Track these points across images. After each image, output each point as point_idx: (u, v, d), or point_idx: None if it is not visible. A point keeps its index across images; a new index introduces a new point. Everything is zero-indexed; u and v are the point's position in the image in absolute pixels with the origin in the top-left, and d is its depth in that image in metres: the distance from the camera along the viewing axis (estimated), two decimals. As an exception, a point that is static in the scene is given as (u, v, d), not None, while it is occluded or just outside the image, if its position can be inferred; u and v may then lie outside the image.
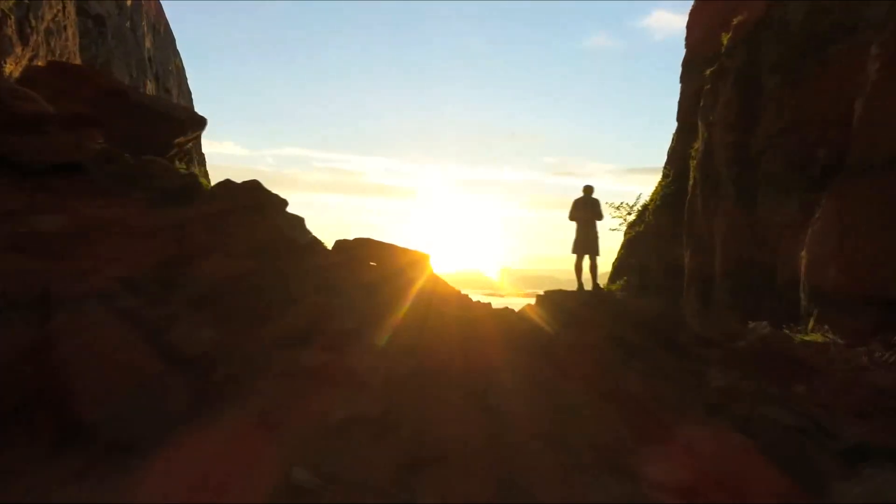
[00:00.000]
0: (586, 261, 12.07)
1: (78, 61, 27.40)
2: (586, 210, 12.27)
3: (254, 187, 5.87)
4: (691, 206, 17.41)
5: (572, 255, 12.56)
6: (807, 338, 10.48)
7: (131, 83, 43.73)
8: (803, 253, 11.48)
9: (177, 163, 8.70)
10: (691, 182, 17.82)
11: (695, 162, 17.72)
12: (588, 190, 12.52)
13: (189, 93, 56.95)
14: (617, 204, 25.93)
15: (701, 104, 17.16)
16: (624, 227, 25.84)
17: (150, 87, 45.62)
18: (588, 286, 12.01)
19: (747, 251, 14.17)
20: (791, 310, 12.61)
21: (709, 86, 16.86)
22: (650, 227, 23.22)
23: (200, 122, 7.58)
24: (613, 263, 25.90)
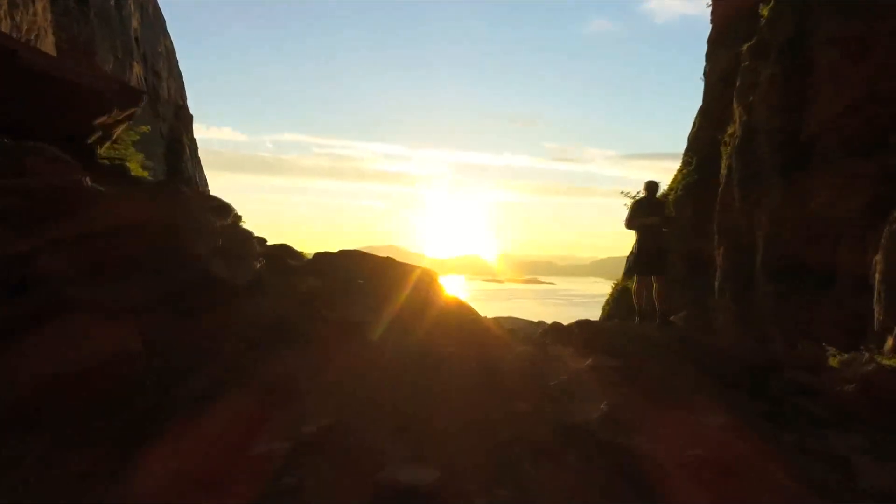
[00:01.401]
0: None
1: (50, 38, 25.43)
2: (651, 215, 9.55)
3: (168, 193, 3.97)
4: (725, 197, 15.58)
5: (632, 276, 10.27)
6: (887, 362, 8.75)
7: (116, 65, 41.74)
8: (878, 256, 9.69)
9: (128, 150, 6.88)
10: (724, 171, 15.97)
11: (728, 148, 15.87)
12: (651, 187, 9.93)
13: (180, 76, 54.80)
14: (633, 194, 24.07)
15: (737, 84, 15.28)
16: (641, 219, 24.00)
17: (138, 70, 43.57)
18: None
19: (797, 251, 12.38)
20: (852, 321, 10.87)
21: (746, 63, 14.97)
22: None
23: (134, 98, 5.76)
24: (628, 258, 24.16)
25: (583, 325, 5.43)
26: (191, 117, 50.80)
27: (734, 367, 5.00)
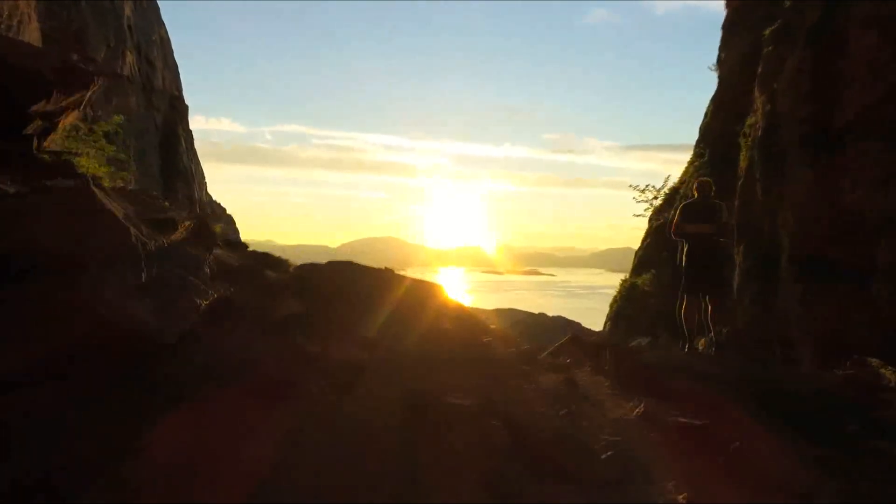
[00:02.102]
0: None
1: (34, 25, 24.47)
2: (704, 221, 8.08)
3: (81, 204, 3.00)
4: (744, 192, 14.69)
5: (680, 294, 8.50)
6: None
7: (108, 54, 40.67)
8: (926, 259, 8.82)
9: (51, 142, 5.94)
10: (744, 164, 15.08)
11: (748, 140, 14.97)
12: (705, 187, 8.44)
13: (175, 66, 53.84)
14: (642, 187, 23.24)
15: (759, 71, 14.36)
16: (650, 213, 23.11)
17: (131, 59, 42.55)
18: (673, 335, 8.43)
19: (827, 250, 11.50)
20: (891, 328, 10.04)
21: (769, 48, 14.04)
22: (682, 214, 20.55)
23: (84, 80, 4.85)
24: (637, 253, 23.32)
25: (616, 350, 4.55)
26: (186, 108, 49.86)
27: (807, 408, 4.17)
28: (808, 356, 11.45)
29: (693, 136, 21.60)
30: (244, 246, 5.72)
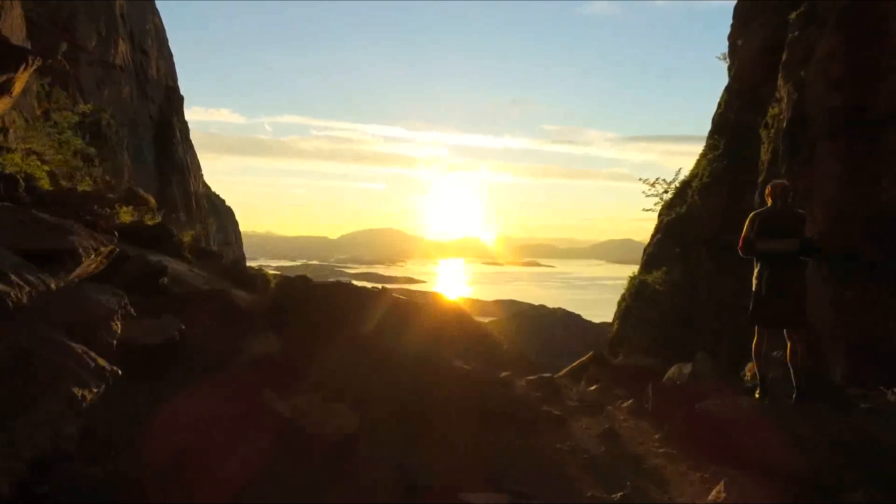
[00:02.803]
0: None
1: (17, 11, 23.56)
2: (785, 235, 6.47)
3: None
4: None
5: (751, 325, 6.62)
6: None
7: (100, 42, 39.62)
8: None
9: None
10: (766, 156, 14.21)
11: (770, 131, 14.10)
12: (783, 193, 6.72)
13: (171, 55, 52.74)
14: (652, 180, 22.34)
15: (784, 58, 13.45)
16: (660, 208, 22.20)
17: (124, 48, 41.52)
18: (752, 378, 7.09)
19: (861, 249, 10.69)
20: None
21: (795, 33, 13.14)
22: (694, 209, 19.63)
23: (10, 59, 3.98)
24: (646, 249, 22.46)
25: (661, 389, 3.75)
26: (181, 98, 48.80)
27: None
28: (840, 365, 10.65)
29: (693, 127, 20.93)
30: (218, 257, 4.90)
